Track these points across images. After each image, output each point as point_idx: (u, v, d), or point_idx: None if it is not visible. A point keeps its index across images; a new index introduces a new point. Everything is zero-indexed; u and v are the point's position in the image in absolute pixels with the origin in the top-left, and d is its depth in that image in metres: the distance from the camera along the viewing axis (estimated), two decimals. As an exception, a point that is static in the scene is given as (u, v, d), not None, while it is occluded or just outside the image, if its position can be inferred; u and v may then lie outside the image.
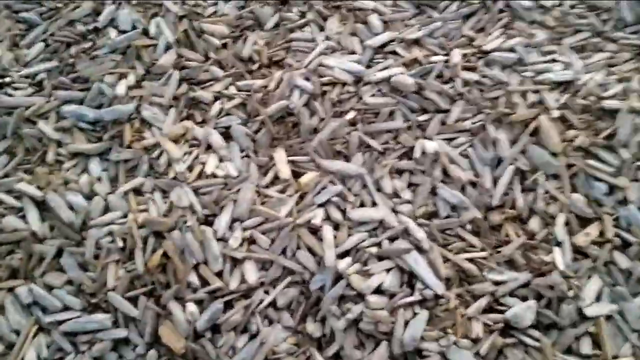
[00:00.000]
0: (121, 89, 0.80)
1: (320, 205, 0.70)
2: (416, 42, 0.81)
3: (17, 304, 0.69)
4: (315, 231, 0.69)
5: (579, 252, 0.68)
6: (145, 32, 0.85)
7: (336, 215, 0.69)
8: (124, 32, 0.85)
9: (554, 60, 0.79)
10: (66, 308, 0.69)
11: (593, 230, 0.68)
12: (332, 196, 0.70)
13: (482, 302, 0.64)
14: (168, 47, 0.84)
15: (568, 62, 0.78)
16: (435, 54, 0.80)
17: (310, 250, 0.68)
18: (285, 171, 0.73)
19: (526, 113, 0.74)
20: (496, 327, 0.63)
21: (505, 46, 0.80)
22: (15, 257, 0.71)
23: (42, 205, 0.74)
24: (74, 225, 0.72)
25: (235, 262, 0.68)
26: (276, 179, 0.73)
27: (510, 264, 0.68)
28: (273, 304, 0.67)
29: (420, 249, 0.67)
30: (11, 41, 0.88)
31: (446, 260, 0.67)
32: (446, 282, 0.66)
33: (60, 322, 0.67)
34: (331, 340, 0.65)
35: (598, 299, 0.66)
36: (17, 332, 0.67)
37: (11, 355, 0.66)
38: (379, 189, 0.72)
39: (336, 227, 0.69)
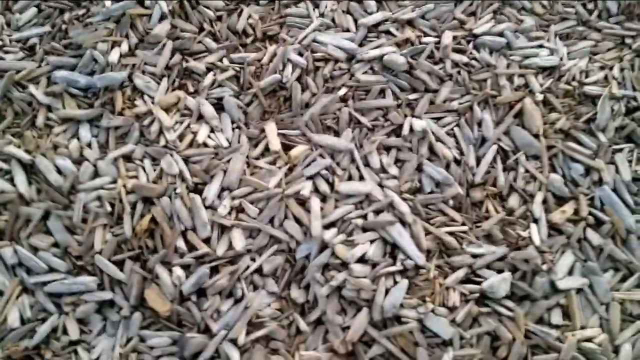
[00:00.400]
0: (114, 56, 0.79)
1: (309, 178, 0.72)
2: (409, 22, 0.82)
3: (1, 264, 0.69)
4: (303, 202, 0.70)
5: (554, 229, 0.71)
6: (140, 1, 0.84)
7: (324, 187, 0.71)
8: (118, 0, 0.85)
9: (540, 46, 0.81)
10: (51, 270, 0.69)
11: (569, 208, 0.71)
12: (321, 169, 0.71)
13: (460, 273, 0.67)
14: (162, 17, 0.83)
15: (554, 49, 0.81)
16: (427, 35, 0.82)
17: (298, 220, 0.69)
18: (275, 143, 0.74)
19: (511, 96, 0.77)
20: (472, 296, 0.66)
21: (494, 30, 0.82)
22: (1, 219, 0.71)
23: (30, 169, 0.74)
24: (62, 189, 0.72)
25: (223, 229, 0.69)
26: (266, 150, 0.75)
27: (489, 238, 0.70)
28: (259, 270, 0.68)
29: (403, 222, 0.69)
30: (3, 5, 0.88)
31: (428, 233, 0.69)
32: (427, 254, 0.68)
33: (44, 283, 0.68)
34: (314, 306, 0.67)
35: (570, 273, 0.69)
36: (1, 293, 0.67)
37: (-6, 314, 0.66)
38: (366, 164, 0.73)
39: (323, 199, 0.71)
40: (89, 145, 0.76)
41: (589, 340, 0.65)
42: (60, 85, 0.78)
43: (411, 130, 0.74)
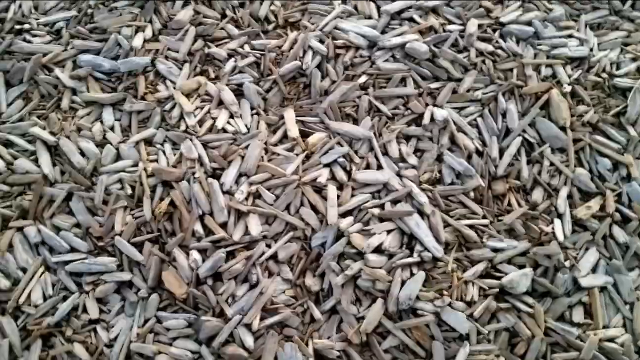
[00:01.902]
0: (138, 41, 0.80)
1: (326, 165, 0.71)
2: (433, 10, 0.81)
3: (25, 243, 0.70)
4: (319, 190, 0.70)
5: (579, 225, 0.69)
6: (164, -13, 0.85)
7: (341, 175, 0.70)
8: (143, -14, 0.86)
9: (569, 36, 0.79)
10: (73, 249, 0.70)
11: (594, 204, 0.69)
12: (339, 157, 0.71)
13: (480, 267, 0.66)
14: (186, 3, 0.84)
15: (583, 39, 0.78)
16: (452, 23, 0.80)
17: (314, 207, 0.69)
18: (293, 130, 0.73)
19: (538, 86, 0.74)
20: (491, 291, 0.64)
21: (522, 19, 0.80)
22: (26, 199, 0.72)
23: (54, 150, 0.75)
24: (85, 170, 0.73)
25: (240, 215, 0.69)
26: (284, 137, 0.74)
27: (510, 232, 0.68)
28: (274, 257, 0.68)
29: (422, 213, 0.68)
30: (31, -10, 0.89)
31: (447, 225, 0.68)
32: (445, 247, 0.67)
33: (66, 263, 0.69)
34: (329, 295, 0.67)
35: (594, 270, 0.67)
36: (24, 270, 0.69)
37: (17, 290, 0.67)
38: (385, 153, 0.72)
39: (340, 187, 0.70)
40: (112, 128, 0.77)
41: (611, 340, 0.63)
42: (85, 69, 0.79)
43: (432, 119, 0.73)
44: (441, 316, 0.64)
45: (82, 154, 0.74)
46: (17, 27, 0.85)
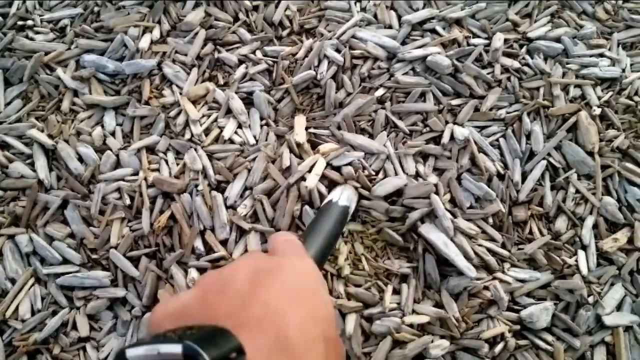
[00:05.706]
0: (145, 42, 0.77)
1: (336, 169, 0.66)
2: (457, 22, 0.77)
3: (16, 252, 0.67)
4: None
5: (605, 258, 0.64)
6: (175, -13, 0.81)
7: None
8: (152, -16, 0.82)
9: (600, 55, 0.74)
10: (65, 261, 0.66)
11: (622, 236, 0.64)
12: (352, 160, 0.66)
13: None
14: (197, 4, 0.80)
15: (615, 59, 0.74)
16: (476, 37, 0.76)
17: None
18: (301, 134, 0.69)
19: (565, 107, 0.70)
20: (509, 326, 0.60)
21: (551, 35, 0.75)
22: (19, 205, 0.69)
23: (51, 155, 0.72)
24: (82, 177, 0.69)
25: (242, 232, 0.65)
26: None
27: (531, 262, 0.64)
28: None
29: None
30: (36, -15, 0.86)
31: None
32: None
33: (58, 275, 0.65)
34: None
35: (619, 308, 0.62)
36: (13, 281, 0.65)
37: (4, 302, 0.64)
38: (402, 170, 0.68)
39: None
40: (113, 133, 0.73)
41: (637, 384, 0.59)
42: (89, 69, 0.76)
43: (452, 138, 0.68)
44: (456, 357, 0.59)
45: (81, 159, 0.71)
46: (20, 23, 0.81)
